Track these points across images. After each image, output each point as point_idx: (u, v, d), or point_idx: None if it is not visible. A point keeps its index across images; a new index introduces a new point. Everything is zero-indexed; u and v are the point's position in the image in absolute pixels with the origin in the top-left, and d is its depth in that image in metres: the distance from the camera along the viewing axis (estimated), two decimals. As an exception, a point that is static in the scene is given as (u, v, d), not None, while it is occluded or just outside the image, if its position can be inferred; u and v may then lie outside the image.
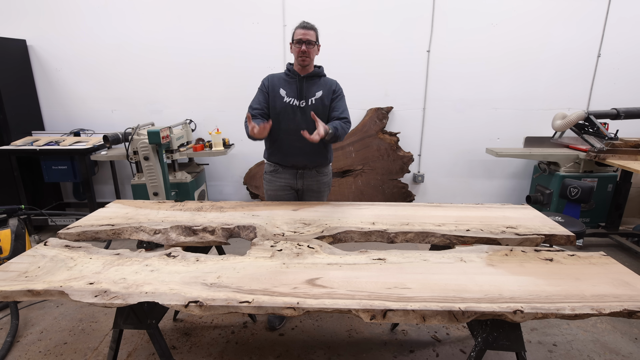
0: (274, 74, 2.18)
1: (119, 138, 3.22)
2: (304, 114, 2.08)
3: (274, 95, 2.10)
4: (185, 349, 2.06)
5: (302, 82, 2.09)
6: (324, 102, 2.11)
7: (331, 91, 2.13)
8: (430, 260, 1.49)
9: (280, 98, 2.09)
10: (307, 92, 2.10)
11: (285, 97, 2.09)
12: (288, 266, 1.44)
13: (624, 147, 3.08)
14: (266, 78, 2.17)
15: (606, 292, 1.25)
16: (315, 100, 2.10)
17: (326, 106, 2.13)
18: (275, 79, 2.14)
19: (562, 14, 3.49)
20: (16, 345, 2.10)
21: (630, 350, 2.05)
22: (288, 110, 2.09)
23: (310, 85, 2.11)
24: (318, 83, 2.12)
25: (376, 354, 2.02)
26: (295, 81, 2.10)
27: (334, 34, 3.56)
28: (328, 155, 2.22)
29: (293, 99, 2.09)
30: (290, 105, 2.08)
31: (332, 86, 2.14)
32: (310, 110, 2.06)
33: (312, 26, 2.02)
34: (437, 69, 3.66)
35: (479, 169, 3.95)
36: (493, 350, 1.31)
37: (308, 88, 2.10)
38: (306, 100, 2.09)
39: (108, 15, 3.55)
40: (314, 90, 2.11)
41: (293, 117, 2.09)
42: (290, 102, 2.08)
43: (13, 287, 1.30)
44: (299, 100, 2.09)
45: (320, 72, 2.15)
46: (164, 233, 1.75)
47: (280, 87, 2.11)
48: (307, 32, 2.00)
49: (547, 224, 1.79)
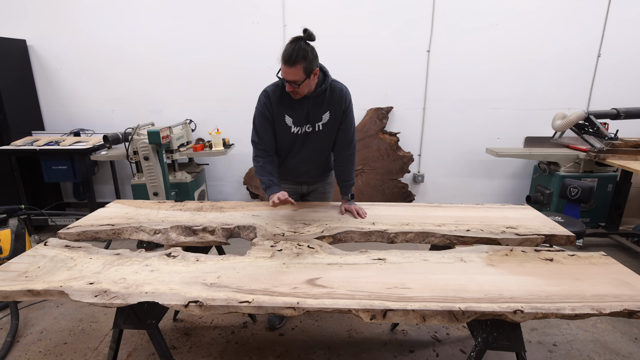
0: (274, 90, 1.84)
1: (119, 138, 3.22)
2: (311, 138, 1.91)
3: (280, 123, 1.87)
4: (185, 349, 2.06)
5: (308, 104, 1.82)
6: (332, 125, 1.90)
7: (341, 110, 1.87)
8: (430, 260, 1.49)
9: (287, 128, 1.87)
10: (314, 115, 1.85)
11: (293, 126, 1.86)
12: (288, 266, 1.44)
13: (624, 147, 3.08)
14: (266, 99, 1.84)
15: (606, 292, 1.25)
16: (323, 125, 1.87)
17: (335, 126, 1.91)
18: (278, 101, 1.83)
19: (562, 14, 3.49)
20: (16, 345, 2.10)
21: (630, 350, 2.05)
22: (296, 138, 1.91)
23: (316, 106, 1.84)
24: (325, 101, 1.84)
25: (376, 354, 2.02)
26: (300, 103, 1.82)
27: (334, 34, 3.56)
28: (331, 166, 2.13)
29: (300, 127, 1.87)
30: (298, 134, 1.89)
31: (342, 103, 1.86)
32: (318, 135, 1.89)
33: (295, 60, 1.61)
34: (437, 69, 3.66)
35: (479, 169, 3.95)
36: (493, 350, 1.31)
37: (315, 110, 1.84)
38: (312, 125, 1.87)
39: (108, 15, 3.55)
40: (321, 112, 1.85)
41: (300, 145, 1.93)
42: (297, 132, 1.88)
43: (13, 287, 1.30)
44: (305, 126, 1.87)
45: (326, 85, 1.81)
46: (164, 233, 1.75)
47: (285, 112, 1.84)
48: (288, 71, 1.65)
49: (547, 224, 1.79)
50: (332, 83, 1.86)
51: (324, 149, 1.99)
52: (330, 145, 2.00)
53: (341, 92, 1.86)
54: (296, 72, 1.64)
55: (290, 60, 1.62)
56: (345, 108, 1.88)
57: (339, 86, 1.87)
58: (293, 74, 1.65)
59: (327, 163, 2.08)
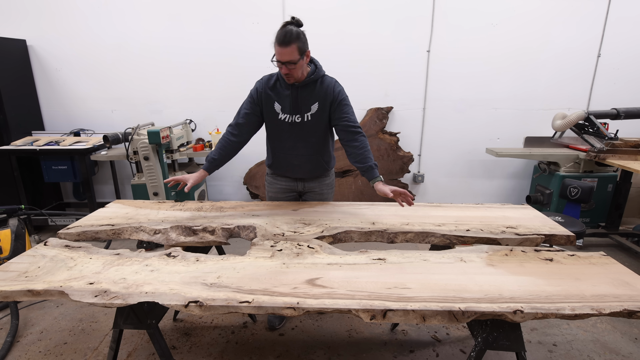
0: (268, 79, 1.95)
1: (119, 138, 3.22)
2: (301, 129, 1.94)
3: (268, 110, 1.93)
4: (185, 349, 2.06)
5: (297, 93, 1.88)
6: (320, 117, 1.93)
7: (328, 101, 1.91)
8: (430, 260, 1.49)
9: (275, 114, 1.93)
10: (303, 105, 1.90)
11: (280, 113, 1.92)
12: (288, 266, 1.44)
13: (624, 147, 3.08)
14: (259, 84, 1.96)
15: (606, 292, 1.25)
16: (311, 116, 1.91)
17: (324, 118, 1.94)
18: (269, 88, 1.92)
19: (562, 14, 3.49)
20: (16, 345, 2.10)
21: (630, 350, 2.05)
22: (284, 127, 1.94)
23: (305, 95, 1.89)
24: (314, 92, 1.89)
25: (376, 354, 2.02)
26: (289, 92, 1.89)
27: (334, 33, 3.56)
28: (327, 166, 2.12)
29: (288, 115, 1.92)
30: (286, 122, 1.93)
31: (329, 94, 1.90)
32: (306, 125, 1.92)
33: (289, 40, 1.69)
34: (437, 69, 3.66)
35: (479, 169, 3.95)
36: (493, 350, 1.31)
37: (303, 100, 1.89)
38: (302, 116, 1.91)
39: (108, 15, 3.55)
40: (310, 102, 1.90)
41: (289, 134, 1.96)
42: (285, 119, 1.92)
43: (13, 287, 1.30)
44: (294, 115, 1.92)
45: (316, 76, 1.88)
46: (164, 233, 1.75)
47: (275, 100, 1.92)
48: (283, 51, 1.71)
49: (547, 224, 1.79)
50: (323, 77, 1.92)
51: (315, 142, 1.99)
52: (321, 138, 2.00)
53: (329, 84, 1.91)
54: (291, 52, 1.71)
55: (285, 40, 1.69)
56: (333, 98, 1.90)
57: (328, 79, 1.93)
58: (289, 53, 1.71)
59: (320, 158, 2.05)
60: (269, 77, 1.95)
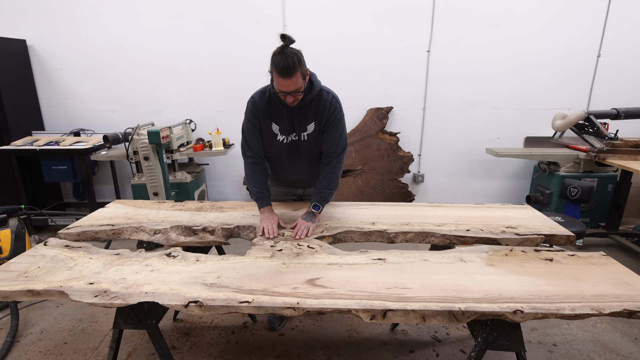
0: (261, 97, 1.80)
1: (119, 138, 3.22)
2: (298, 148, 1.87)
3: (267, 131, 1.85)
4: (185, 349, 2.06)
5: (294, 113, 1.78)
6: (317, 136, 1.85)
7: (323, 120, 1.80)
8: (430, 260, 1.49)
9: (274, 136, 1.84)
10: (299, 125, 1.81)
11: (279, 134, 1.84)
12: (288, 266, 1.44)
13: (624, 147, 3.08)
14: (253, 106, 1.81)
15: (606, 292, 1.25)
16: (308, 136, 1.84)
17: (319, 138, 1.86)
18: (265, 108, 1.79)
19: (562, 14, 3.49)
20: (16, 345, 2.10)
21: (630, 350, 2.05)
22: (282, 148, 1.87)
23: (302, 115, 1.79)
24: (310, 111, 1.79)
25: (376, 354, 2.02)
26: (285, 112, 1.78)
27: (334, 34, 3.56)
28: None
29: (285, 136, 1.84)
30: (284, 143, 1.86)
31: (324, 114, 1.79)
32: (304, 144, 1.85)
33: (293, 70, 1.55)
34: (437, 69, 3.66)
35: (479, 169, 3.95)
36: (493, 350, 1.31)
37: (300, 120, 1.80)
38: (299, 134, 1.83)
39: (108, 15, 3.55)
40: (307, 122, 1.81)
41: (287, 154, 1.90)
42: (283, 141, 1.85)
43: (13, 287, 1.30)
44: (291, 134, 1.84)
45: (313, 93, 1.74)
46: (164, 233, 1.75)
47: (273, 120, 1.81)
48: (288, 82, 1.58)
49: (547, 224, 1.79)
50: (319, 92, 1.78)
51: (312, 158, 1.94)
52: (319, 155, 1.95)
53: (325, 102, 1.78)
54: (296, 81, 1.59)
55: (289, 70, 1.54)
56: (327, 118, 1.79)
57: (324, 96, 1.79)
58: (294, 83, 1.59)
59: (319, 169, 2.01)
60: (261, 95, 1.80)
